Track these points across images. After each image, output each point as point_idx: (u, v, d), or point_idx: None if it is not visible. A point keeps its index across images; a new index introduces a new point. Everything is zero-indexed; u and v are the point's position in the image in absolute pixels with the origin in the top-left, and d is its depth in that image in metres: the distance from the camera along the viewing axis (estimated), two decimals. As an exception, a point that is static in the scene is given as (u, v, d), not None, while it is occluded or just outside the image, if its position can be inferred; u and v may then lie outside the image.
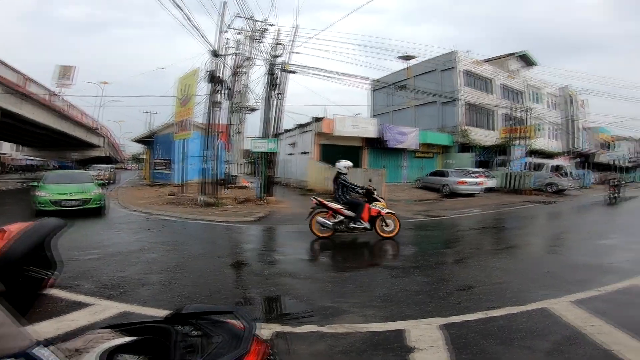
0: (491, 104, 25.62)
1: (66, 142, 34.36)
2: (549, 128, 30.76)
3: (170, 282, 4.22)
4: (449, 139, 23.92)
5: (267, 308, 3.64)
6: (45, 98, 24.06)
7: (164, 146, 22.72)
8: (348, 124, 19.75)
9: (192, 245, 6.28)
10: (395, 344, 2.79)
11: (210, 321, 1.10)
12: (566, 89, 32.30)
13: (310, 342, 2.86)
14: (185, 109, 15.19)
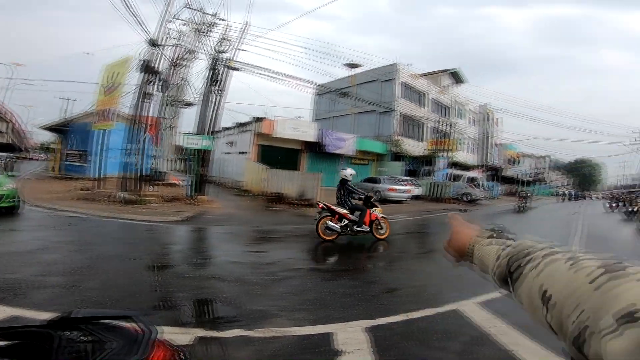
0: (422, 116, 27.67)
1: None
2: (468, 142, 34.28)
3: (74, 285, 3.72)
4: (384, 147, 25.24)
5: (190, 312, 3.39)
6: None
7: (80, 136, 20.28)
8: (289, 126, 19.70)
9: (104, 246, 5.63)
10: (323, 347, 2.79)
11: (104, 326, 0.98)
12: (485, 107, 36.31)
13: (236, 347, 2.74)
14: (110, 97, 13.80)
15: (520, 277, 0.54)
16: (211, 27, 14.36)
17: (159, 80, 13.89)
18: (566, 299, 0.44)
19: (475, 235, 0.74)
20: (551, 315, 0.46)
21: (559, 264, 0.49)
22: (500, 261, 0.60)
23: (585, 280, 0.43)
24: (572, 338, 0.41)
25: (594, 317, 0.38)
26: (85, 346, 0.89)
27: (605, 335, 0.35)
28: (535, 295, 0.49)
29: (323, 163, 22.29)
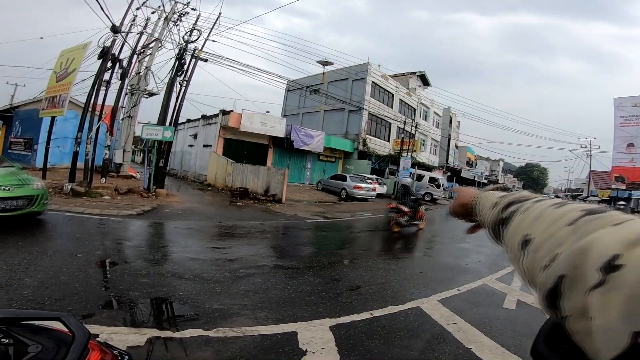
0: (389, 116, 28.28)
1: None
2: (431, 144, 35.60)
3: (7, 284, 3.34)
4: (351, 145, 25.52)
5: (143, 312, 3.15)
6: None
7: (26, 123, 18.66)
8: (257, 120, 19.29)
9: (45, 241, 5.14)
10: (287, 347, 2.71)
11: (29, 328, 0.92)
12: (448, 110, 37.88)
13: (193, 348, 2.59)
14: (62, 84, 12.78)
15: (510, 221, 0.51)
16: (181, 16, 13.72)
17: (119, 68, 13.05)
18: (543, 242, 0.40)
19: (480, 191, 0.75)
20: (526, 260, 0.42)
21: (545, 206, 0.46)
22: (496, 208, 0.58)
23: (564, 222, 0.40)
24: (547, 290, 0.36)
25: (570, 265, 0.34)
26: (5, 349, 0.82)
27: (590, 289, 0.30)
28: (518, 239, 0.46)
29: (290, 159, 22.13)
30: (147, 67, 13.36)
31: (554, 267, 0.36)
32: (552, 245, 0.38)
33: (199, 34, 13.58)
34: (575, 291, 0.32)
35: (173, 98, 13.30)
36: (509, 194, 0.60)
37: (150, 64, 13.37)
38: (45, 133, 13.71)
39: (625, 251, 0.29)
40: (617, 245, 0.30)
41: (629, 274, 0.28)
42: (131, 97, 15.81)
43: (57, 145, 13.25)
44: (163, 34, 13.43)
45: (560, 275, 0.34)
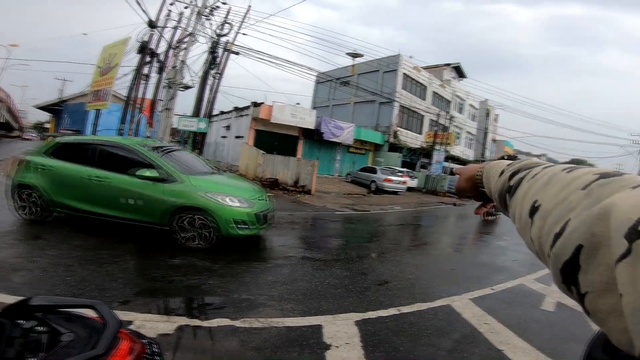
0: (422, 109, 27.47)
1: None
2: (466, 137, 34.21)
3: (53, 269, 3.62)
4: (381, 137, 25.09)
5: (173, 299, 3.29)
6: None
7: (74, 116, 20.04)
8: (287, 112, 19.44)
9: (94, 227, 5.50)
10: (312, 340, 2.73)
11: (64, 316, 0.95)
12: (485, 103, 36.13)
13: (220, 337, 2.67)
14: (105, 78, 13.57)
15: (517, 189, 0.48)
16: (213, 11, 14.02)
17: (157, 62, 13.60)
18: (553, 207, 0.37)
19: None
20: (535, 228, 0.39)
21: (555, 171, 0.43)
22: (503, 175, 0.55)
23: (576, 186, 0.36)
24: (563, 262, 0.32)
25: (588, 233, 0.29)
26: (39, 337, 0.84)
27: (617, 260, 0.26)
28: (526, 207, 0.43)
29: (320, 151, 22.15)
30: (182, 61, 13.81)
31: (569, 235, 0.32)
32: (563, 211, 0.35)
33: (230, 28, 13.84)
34: (596, 263, 0.28)
35: (207, 91, 13.71)
36: (516, 162, 0.57)
37: (185, 57, 13.80)
38: (91, 125, 14.66)
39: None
40: (636, 208, 0.27)
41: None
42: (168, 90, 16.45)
43: (102, 137, 14.13)
44: (196, 28, 13.78)
45: (578, 245, 0.30)
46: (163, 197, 4.84)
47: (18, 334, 0.84)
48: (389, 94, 24.91)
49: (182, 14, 13.96)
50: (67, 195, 5.16)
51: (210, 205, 4.80)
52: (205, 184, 5.10)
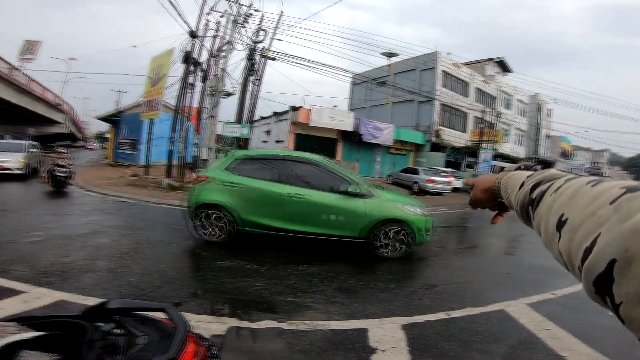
0: (465, 106, 26.29)
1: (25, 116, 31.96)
2: (515, 134, 32.14)
3: (119, 270, 3.90)
4: (423, 137, 24.37)
5: (224, 301, 3.42)
6: (3, 72, 22.36)
7: (130, 125, 21.64)
8: (325, 115, 19.57)
9: (149, 231, 5.91)
10: (357, 343, 2.69)
11: (138, 318, 0.99)
12: (535, 97, 33.75)
13: (267, 339, 2.71)
14: (156, 88, 14.51)
15: (540, 202, 0.48)
16: (247, 18, 14.51)
17: (200, 71, 14.33)
18: (582, 222, 0.37)
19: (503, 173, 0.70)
20: (563, 242, 0.39)
21: (579, 184, 0.43)
22: (524, 188, 0.55)
23: (604, 200, 0.36)
24: (596, 275, 0.32)
25: (622, 248, 0.30)
26: (116, 340, 0.88)
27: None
28: (552, 220, 0.43)
29: (359, 152, 22.00)
30: (222, 69, 14.41)
31: (602, 250, 0.32)
32: (592, 225, 0.35)
33: (265, 34, 14.21)
34: (630, 276, 0.29)
35: (247, 97, 14.19)
36: (536, 173, 0.57)
37: (225, 65, 14.39)
38: (145, 134, 15.77)
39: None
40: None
41: None
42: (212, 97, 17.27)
43: (156, 145, 15.13)
44: (233, 36, 14.34)
45: (611, 259, 0.30)
46: (365, 212, 5.13)
47: (98, 337, 0.87)
48: (428, 93, 24.14)
49: (219, 23, 14.62)
50: (259, 213, 5.12)
51: (408, 216, 5.15)
52: (395, 197, 5.61)
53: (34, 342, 0.84)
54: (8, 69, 23.16)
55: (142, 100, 15.95)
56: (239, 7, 14.10)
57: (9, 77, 23.27)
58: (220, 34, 14.65)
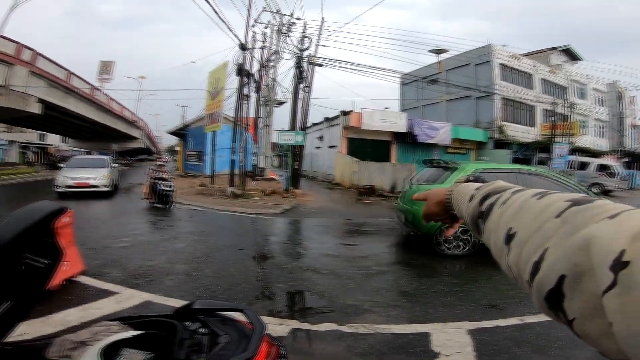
0: (531, 99, 24.18)
1: (107, 134, 36.24)
2: (595, 125, 28.68)
3: (194, 273, 4.27)
4: (484, 134, 22.88)
5: (286, 303, 3.58)
6: (87, 92, 25.48)
7: (196, 138, 23.42)
8: (377, 117, 19.37)
9: (218, 236, 6.39)
10: (419, 347, 2.65)
11: (220, 318, 1.07)
12: (615, 85, 29.83)
13: (328, 341, 2.78)
14: (215, 102, 15.55)
15: (489, 215, 0.49)
16: (290, 27, 14.96)
17: (253, 82, 15.10)
18: (530, 235, 0.37)
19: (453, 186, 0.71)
20: (512, 256, 0.39)
21: (526, 197, 0.43)
22: (474, 200, 0.55)
23: (550, 214, 0.36)
24: (546, 292, 0.32)
25: (571, 263, 0.30)
26: (202, 339, 0.95)
27: (604, 291, 0.26)
28: (501, 234, 0.43)
29: (415, 154, 21.34)
30: (273, 79, 15.03)
31: (551, 266, 0.32)
32: (540, 239, 0.35)
33: (309, 41, 14.54)
34: (581, 291, 0.29)
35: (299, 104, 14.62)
36: (484, 185, 0.57)
37: (274, 75, 14.99)
38: (209, 145, 17.04)
39: (629, 246, 0.27)
40: (621, 239, 0.27)
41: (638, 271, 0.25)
42: (265, 107, 18.09)
43: (219, 155, 16.26)
44: (279, 45, 14.87)
45: (561, 275, 0.30)
46: None
47: (187, 336, 0.94)
48: (486, 87, 22.65)
49: (265, 34, 15.28)
50: None
51: None
52: None
53: (132, 340, 0.93)
54: (90, 89, 26.35)
55: (205, 114, 17.22)
56: (280, 17, 14.66)
57: (92, 97, 26.48)
58: (267, 44, 15.35)
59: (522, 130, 23.94)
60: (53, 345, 0.93)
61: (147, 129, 50.31)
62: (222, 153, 16.45)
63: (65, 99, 22.37)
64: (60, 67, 21.50)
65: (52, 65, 20.52)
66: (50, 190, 10.55)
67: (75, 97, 23.78)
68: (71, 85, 22.64)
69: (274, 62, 14.98)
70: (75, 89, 23.23)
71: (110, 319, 1.07)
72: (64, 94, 22.09)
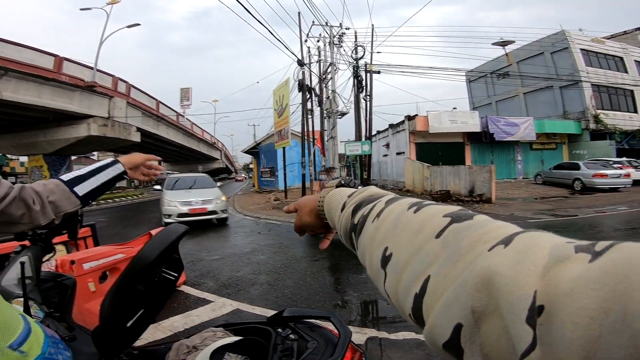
0: (629, 83, 20.80)
1: (192, 156, 40.37)
2: None
3: (275, 283, 4.45)
4: (576, 126, 20.23)
5: (363, 312, 3.54)
6: (173, 119, 28.68)
7: (267, 155, 24.80)
8: (445, 119, 18.41)
9: (294, 248, 6.55)
10: None
11: (308, 325, 1.12)
12: None
13: (405, 349, 2.68)
14: (282, 119, 16.32)
15: (363, 228, 0.43)
16: (341, 38, 15.08)
17: (315, 96, 15.51)
18: (408, 259, 0.32)
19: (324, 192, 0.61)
20: (390, 282, 0.34)
21: (401, 208, 0.38)
22: (346, 211, 0.49)
23: (430, 233, 0.31)
24: (442, 344, 0.26)
25: (466, 310, 0.24)
26: (292, 344, 1.01)
27: (525, 354, 0.20)
28: (376, 254, 0.37)
29: (492, 154, 19.75)
30: (332, 91, 15.23)
31: (442, 311, 0.26)
32: (420, 265, 0.30)
33: (363, 50, 14.43)
34: (481, 337, 0.23)
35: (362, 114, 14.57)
36: (356, 193, 0.50)
37: (334, 87, 15.18)
38: (280, 161, 17.88)
39: (539, 284, 0.21)
40: (529, 277, 0.22)
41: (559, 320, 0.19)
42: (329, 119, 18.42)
43: (290, 170, 16.94)
44: (334, 57, 15.02)
45: (457, 324, 0.25)
46: None
47: (279, 341, 1.01)
48: (569, 75, 20.09)
49: (319, 48, 15.60)
50: None
51: None
52: None
53: (233, 345, 1.02)
54: (175, 116, 29.53)
55: (273, 131, 18.16)
56: (330, 28, 14.87)
57: (177, 123, 29.71)
58: (322, 57, 15.69)
59: (623, 117, 20.68)
60: (172, 349, 1.04)
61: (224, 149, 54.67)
62: (292, 168, 17.09)
63: (157, 126, 25.36)
64: (150, 96, 24.41)
65: (142, 95, 23.32)
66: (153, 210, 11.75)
67: (165, 124, 26.89)
68: (160, 113, 25.64)
69: (330, 73, 15.24)
70: (164, 116, 26.27)
71: (214, 325, 1.17)
72: (155, 122, 25.07)
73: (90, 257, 2.77)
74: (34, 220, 0.84)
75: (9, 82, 14.44)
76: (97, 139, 19.23)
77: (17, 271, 1.19)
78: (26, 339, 0.70)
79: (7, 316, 0.70)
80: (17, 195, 0.82)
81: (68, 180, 0.96)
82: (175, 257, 1.05)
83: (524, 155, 20.47)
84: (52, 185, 0.92)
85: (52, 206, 0.89)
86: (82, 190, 0.97)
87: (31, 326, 0.75)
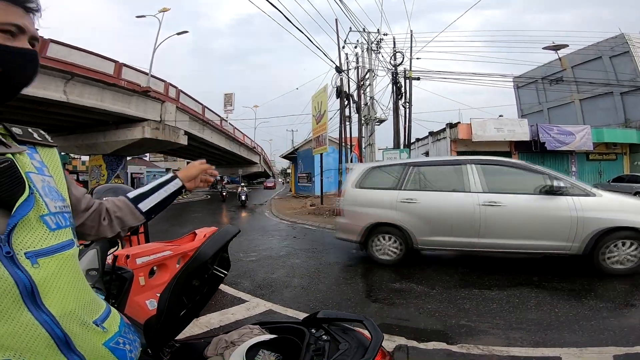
0: None
1: (234, 160, 41.95)
2: None
3: (308, 286, 4.65)
4: (638, 135, 18.51)
5: (392, 319, 3.56)
6: (217, 123, 30.09)
7: (305, 161, 25.27)
8: (490, 127, 17.71)
9: (328, 254, 6.78)
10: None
11: (340, 327, 1.14)
12: None
13: (435, 359, 2.72)
14: (320, 125, 16.63)
15: None
16: (379, 44, 15.04)
17: (353, 102, 15.62)
18: None
19: None
20: None
21: None
22: None
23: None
24: None
25: None
26: (324, 344, 1.07)
27: None
28: None
29: (543, 164, 18.46)
30: (371, 97, 15.24)
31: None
32: None
33: (402, 56, 14.30)
34: None
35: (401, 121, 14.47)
36: None
37: (372, 93, 15.16)
38: (317, 167, 18.25)
39: None
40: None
41: None
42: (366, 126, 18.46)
43: (327, 177, 17.21)
44: (372, 63, 15.00)
45: None
46: None
47: (312, 341, 1.04)
48: (631, 81, 18.47)
49: (357, 54, 15.68)
50: None
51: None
52: None
53: (268, 342, 1.06)
54: (219, 120, 30.86)
55: (311, 137, 18.54)
56: (367, 34, 14.91)
57: (221, 127, 31.03)
58: (360, 64, 15.78)
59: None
60: (211, 344, 1.11)
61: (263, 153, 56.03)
62: (329, 174, 17.34)
63: (202, 130, 26.73)
64: (196, 101, 25.80)
65: (190, 100, 24.72)
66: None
67: (210, 128, 28.26)
68: (206, 117, 27.02)
69: (369, 80, 15.30)
70: (209, 121, 27.64)
71: (253, 323, 1.26)
72: (201, 126, 26.45)
73: (143, 252, 2.97)
74: (100, 233, 0.97)
75: (74, 87, 16.12)
76: (150, 141, 20.71)
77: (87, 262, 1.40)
78: (107, 317, 0.80)
79: (92, 295, 0.80)
80: (96, 209, 0.96)
81: (133, 198, 1.07)
82: (224, 255, 1.14)
83: (580, 166, 19.08)
84: (120, 202, 1.04)
85: (118, 221, 1.01)
86: (146, 207, 1.08)
87: (110, 307, 0.85)
